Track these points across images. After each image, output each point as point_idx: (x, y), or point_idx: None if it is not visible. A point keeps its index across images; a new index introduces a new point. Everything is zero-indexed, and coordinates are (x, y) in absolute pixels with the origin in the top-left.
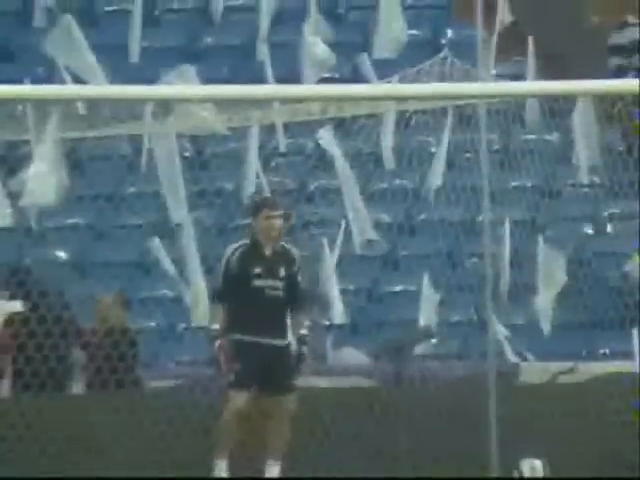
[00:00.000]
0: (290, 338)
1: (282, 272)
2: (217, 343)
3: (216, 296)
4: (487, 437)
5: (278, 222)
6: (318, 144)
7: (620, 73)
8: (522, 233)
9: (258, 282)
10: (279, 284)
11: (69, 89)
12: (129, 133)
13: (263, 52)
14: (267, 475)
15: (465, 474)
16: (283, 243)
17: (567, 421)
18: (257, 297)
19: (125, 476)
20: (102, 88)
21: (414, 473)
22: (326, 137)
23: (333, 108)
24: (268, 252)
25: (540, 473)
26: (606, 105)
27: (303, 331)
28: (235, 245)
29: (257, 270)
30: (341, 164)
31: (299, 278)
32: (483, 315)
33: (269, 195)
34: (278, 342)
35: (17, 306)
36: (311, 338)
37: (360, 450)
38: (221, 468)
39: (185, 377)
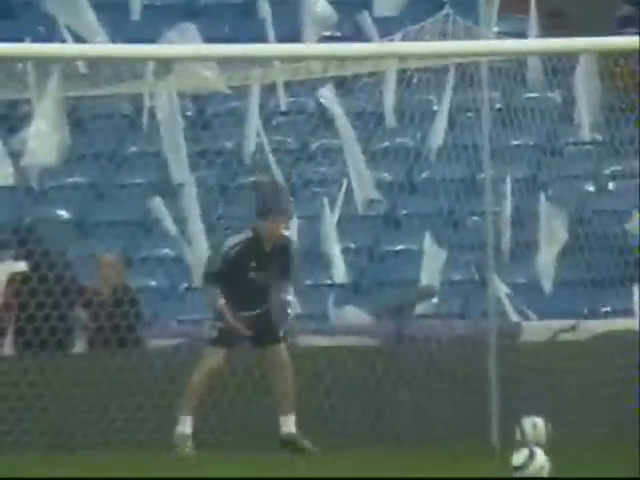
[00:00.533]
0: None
1: (276, 264)
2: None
3: (210, 279)
4: (488, 395)
5: (284, 226)
6: (319, 103)
7: (626, 23)
8: (523, 191)
9: (252, 274)
10: (271, 274)
11: (70, 48)
12: (130, 92)
13: (264, 10)
14: (284, 430)
15: (466, 432)
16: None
17: (568, 379)
18: (249, 285)
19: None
20: (103, 47)
21: (415, 432)
22: (327, 96)
23: (334, 67)
24: (268, 248)
25: (542, 431)
26: (608, 62)
27: (288, 297)
28: (236, 239)
29: (253, 264)
30: (342, 123)
31: (292, 259)
32: (484, 274)
33: (278, 196)
34: (262, 310)
35: (21, 266)
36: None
37: (361, 409)
38: (186, 423)
39: (187, 336)
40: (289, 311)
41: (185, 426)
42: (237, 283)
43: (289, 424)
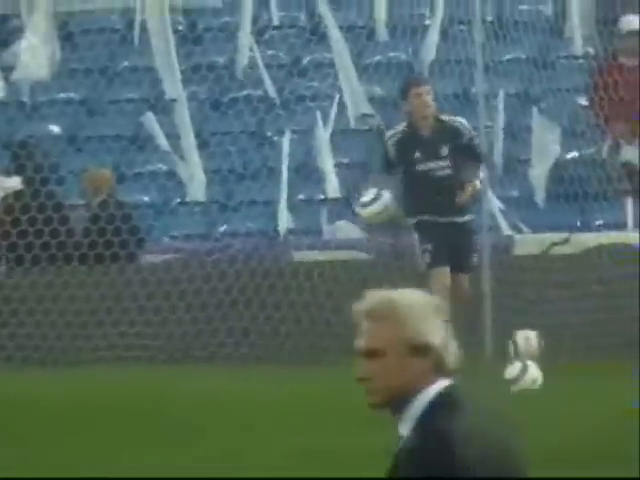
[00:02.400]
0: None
1: (445, 150)
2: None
3: (385, 166)
4: (482, 309)
5: (428, 98)
6: (311, 17)
7: None
8: (516, 105)
9: (421, 167)
10: (443, 164)
11: None
12: (121, 6)
13: None
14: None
15: (460, 345)
16: (444, 118)
17: (562, 292)
18: (424, 180)
19: (119, 351)
20: None
21: None
22: (320, 9)
23: None
24: (426, 133)
25: (534, 344)
26: None
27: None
28: (392, 131)
29: (417, 155)
30: (335, 37)
31: (474, 143)
32: None
33: (413, 75)
34: (458, 219)
35: (14, 182)
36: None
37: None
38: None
39: (180, 251)
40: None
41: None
42: (409, 177)
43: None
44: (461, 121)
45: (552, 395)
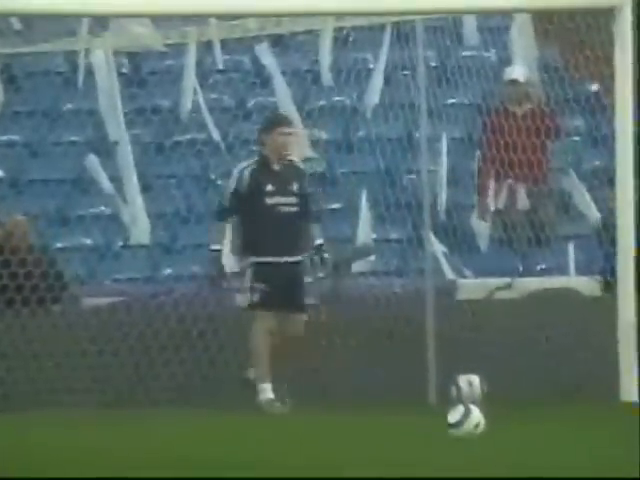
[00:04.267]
0: (304, 255)
1: (295, 187)
2: (223, 262)
3: (222, 214)
4: (425, 353)
5: (292, 139)
6: (255, 61)
7: None
8: (459, 150)
9: (271, 200)
10: (292, 200)
11: (4, 4)
12: (65, 49)
13: None
14: (249, 375)
15: (403, 391)
16: (290, 158)
17: (505, 337)
18: (271, 215)
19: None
20: (38, 3)
21: (352, 391)
22: (263, 54)
23: (271, 24)
24: (278, 168)
25: (477, 388)
26: (544, 21)
27: (318, 241)
28: (244, 164)
29: (269, 187)
30: (279, 81)
31: (309, 191)
32: (421, 232)
33: (281, 112)
34: (294, 259)
35: None
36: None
37: (297, 368)
38: (266, 390)
39: (124, 294)
40: (325, 257)
41: (266, 393)
42: (256, 211)
43: (267, 391)
44: (303, 166)
45: (494, 439)
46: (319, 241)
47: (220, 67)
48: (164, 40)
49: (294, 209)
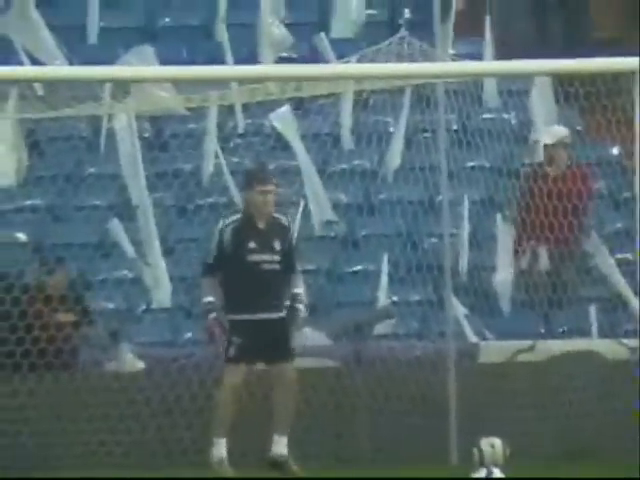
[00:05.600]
0: (285, 311)
1: (277, 245)
2: (211, 316)
3: (208, 270)
4: (447, 416)
5: (272, 196)
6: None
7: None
8: (481, 212)
9: (254, 257)
10: (275, 258)
11: (27, 70)
12: (88, 114)
13: (221, 33)
14: (276, 450)
15: (425, 454)
16: (274, 214)
17: (527, 400)
18: (253, 272)
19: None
20: (60, 69)
21: (374, 454)
22: (284, 117)
23: (291, 88)
24: (262, 225)
25: (500, 451)
26: (564, 85)
27: (297, 290)
28: (227, 220)
29: (252, 245)
30: (299, 144)
31: (293, 246)
32: (442, 295)
33: (261, 168)
34: (275, 315)
35: None
36: (305, 298)
37: (320, 431)
38: (220, 446)
39: (145, 358)
40: (300, 307)
41: (220, 449)
42: (238, 268)
43: (281, 445)
44: (288, 220)
45: None
46: (297, 290)
47: (241, 131)
48: (186, 104)
49: (277, 266)
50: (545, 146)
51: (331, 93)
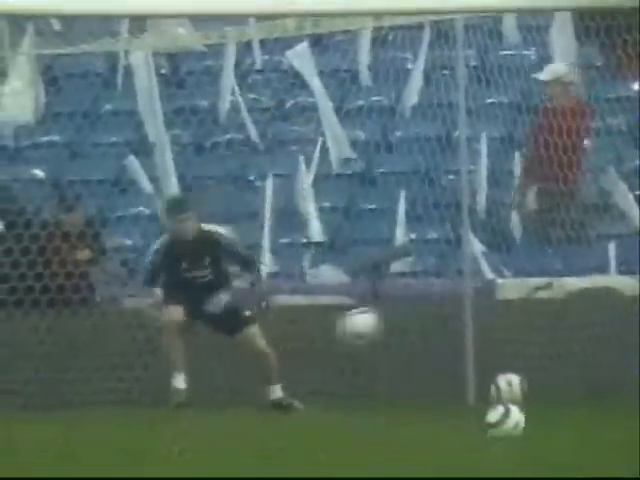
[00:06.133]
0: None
1: (207, 260)
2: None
3: (148, 282)
4: (464, 354)
5: (189, 225)
6: (296, 59)
7: None
8: (499, 149)
9: (186, 275)
10: (206, 272)
11: (44, 5)
12: (105, 50)
13: None
14: (273, 396)
15: (442, 391)
16: (205, 229)
17: (544, 337)
18: (188, 285)
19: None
20: (77, 4)
21: (391, 391)
22: (301, 54)
23: (309, 25)
24: (190, 246)
25: (517, 388)
26: (584, 20)
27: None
28: (159, 241)
29: (184, 264)
30: (317, 81)
31: (234, 250)
32: (460, 232)
33: (178, 199)
34: (214, 310)
35: None
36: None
37: (338, 368)
38: (177, 380)
39: None
40: (256, 287)
41: (177, 382)
42: (174, 281)
43: (277, 391)
44: (220, 232)
45: (534, 439)
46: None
47: (259, 67)
48: (203, 40)
49: (210, 278)
50: (545, 83)
51: (349, 30)
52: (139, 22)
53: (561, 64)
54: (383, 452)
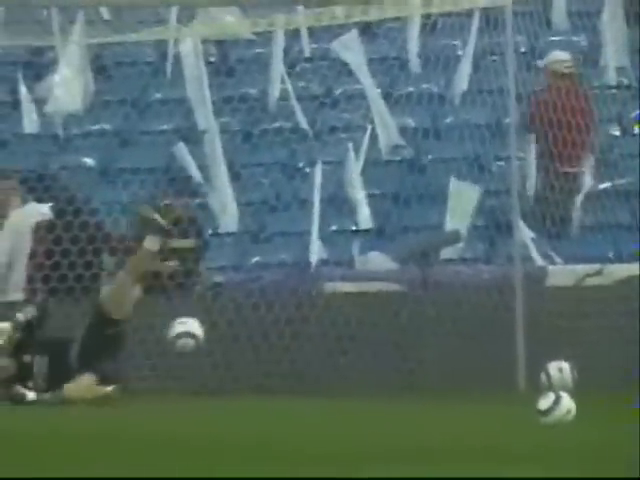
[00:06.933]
0: None
1: None
2: None
3: None
4: (514, 341)
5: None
6: (345, 48)
7: None
8: None
9: None
10: None
11: None
12: (154, 38)
13: None
14: None
15: (492, 379)
16: None
17: (594, 324)
18: None
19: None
20: None
21: (441, 379)
22: (350, 42)
23: (358, 12)
24: None
25: (568, 375)
26: (635, 5)
27: None
28: None
29: None
30: (366, 69)
31: None
32: (510, 218)
33: None
34: None
35: (45, 212)
36: None
37: (387, 355)
38: None
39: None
40: None
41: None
42: None
43: None
44: None
45: (585, 426)
46: None
47: (307, 55)
48: (252, 28)
49: None
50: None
51: (398, 17)
52: (188, 10)
53: (563, 53)
54: (434, 440)
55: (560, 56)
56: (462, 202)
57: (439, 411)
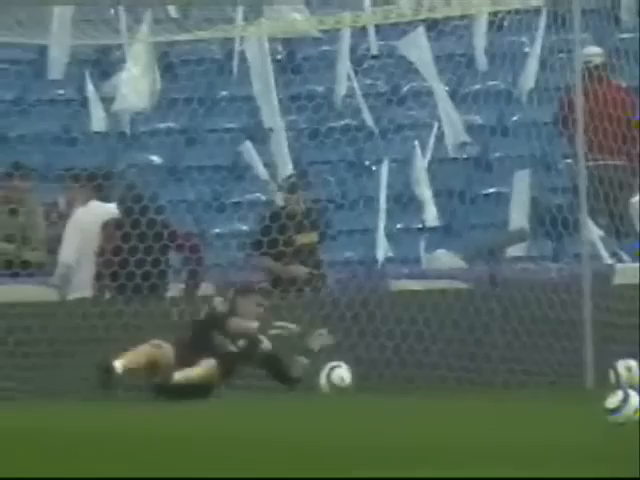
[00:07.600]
0: None
1: None
2: None
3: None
4: (582, 339)
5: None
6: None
7: None
8: None
9: None
10: None
11: None
12: (221, 36)
13: None
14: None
15: (560, 376)
16: None
17: None
18: None
19: None
20: None
21: (508, 376)
22: (416, 40)
23: (425, 10)
24: None
25: (636, 373)
26: None
27: None
28: None
29: None
30: (432, 66)
31: None
32: (577, 216)
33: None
34: None
35: (113, 210)
36: None
37: (454, 353)
38: None
39: None
40: None
41: None
42: None
43: None
44: None
45: None
46: None
47: (374, 52)
48: (318, 26)
49: None
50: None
51: (465, 14)
52: (254, 8)
53: (594, 47)
54: (502, 437)
55: (589, 50)
56: (523, 198)
57: (507, 408)
